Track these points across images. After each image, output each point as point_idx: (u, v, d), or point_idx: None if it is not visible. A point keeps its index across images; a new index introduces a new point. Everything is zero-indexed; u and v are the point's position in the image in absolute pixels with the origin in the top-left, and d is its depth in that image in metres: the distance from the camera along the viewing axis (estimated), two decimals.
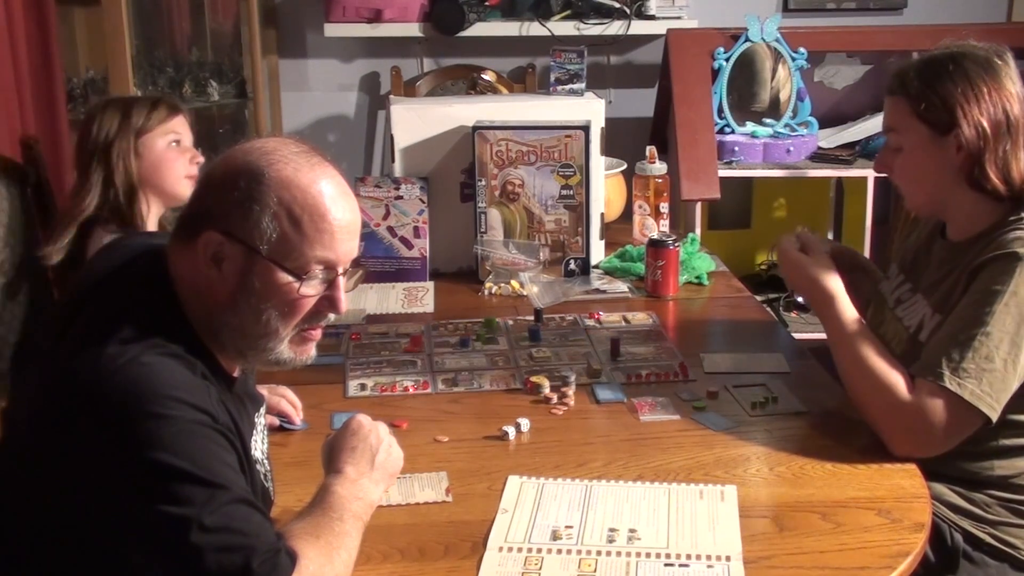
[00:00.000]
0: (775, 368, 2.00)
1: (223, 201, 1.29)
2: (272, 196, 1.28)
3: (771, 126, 3.37)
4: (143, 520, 1.22)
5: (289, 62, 3.72)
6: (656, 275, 2.41)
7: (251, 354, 1.36)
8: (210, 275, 1.31)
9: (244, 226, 1.29)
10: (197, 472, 1.21)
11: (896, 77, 1.80)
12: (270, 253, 1.29)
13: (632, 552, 1.41)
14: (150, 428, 1.20)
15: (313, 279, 1.32)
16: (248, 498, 1.26)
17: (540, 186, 2.50)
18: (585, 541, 1.43)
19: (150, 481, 1.20)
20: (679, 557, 1.40)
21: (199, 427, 1.24)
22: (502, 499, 1.54)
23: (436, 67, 3.71)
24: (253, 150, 1.32)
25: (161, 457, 1.20)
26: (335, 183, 1.32)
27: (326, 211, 1.30)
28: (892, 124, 1.82)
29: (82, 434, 1.23)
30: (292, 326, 1.34)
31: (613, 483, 1.58)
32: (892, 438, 1.68)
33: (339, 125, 3.79)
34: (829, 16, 3.80)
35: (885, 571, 1.37)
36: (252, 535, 1.22)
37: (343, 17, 3.48)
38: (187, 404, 1.23)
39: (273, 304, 1.31)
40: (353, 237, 1.35)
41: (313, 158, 1.33)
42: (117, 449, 1.21)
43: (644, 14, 3.53)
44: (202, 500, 1.20)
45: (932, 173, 1.77)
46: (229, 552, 1.20)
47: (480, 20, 3.49)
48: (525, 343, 2.13)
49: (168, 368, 1.25)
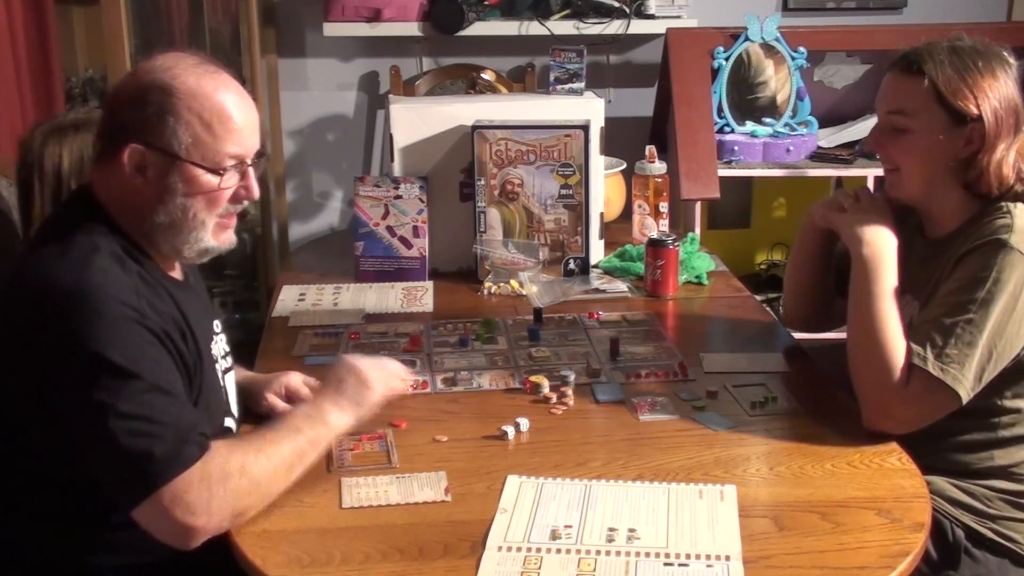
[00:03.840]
0: (775, 368, 2.00)
1: (139, 116, 1.48)
2: (183, 106, 1.48)
3: (771, 125, 3.37)
4: (67, 405, 1.40)
5: (288, 61, 3.71)
6: (656, 275, 2.40)
7: (183, 247, 1.55)
8: (135, 183, 1.50)
9: (162, 136, 1.48)
10: (119, 362, 1.38)
11: (916, 57, 1.75)
12: (188, 156, 1.49)
13: (632, 552, 1.41)
14: (80, 320, 1.39)
15: (228, 173, 1.53)
16: (168, 389, 1.42)
17: (539, 185, 2.50)
18: (584, 541, 1.43)
19: (76, 368, 1.38)
20: (678, 557, 1.40)
21: (126, 322, 1.41)
22: (501, 499, 1.54)
23: (435, 66, 3.70)
24: (156, 68, 1.50)
25: (87, 347, 1.38)
26: (234, 88, 1.53)
27: (231, 114, 1.51)
28: (904, 106, 1.76)
29: (23, 328, 1.43)
30: (214, 216, 1.54)
31: (612, 483, 1.58)
32: (870, 413, 1.71)
33: (338, 124, 3.78)
34: (829, 15, 3.79)
35: (885, 571, 1.37)
36: (163, 424, 1.38)
37: (342, 16, 3.47)
38: (117, 300, 1.42)
39: (196, 199, 1.52)
40: (255, 132, 1.57)
41: (210, 67, 1.53)
42: (50, 340, 1.40)
43: (643, 13, 3.52)
44: (120, 388, 1.37)
45: (938, 161, 1.76)
46: (138, 437, 1.37)
47: (479, 19, 3.48)
48: (524, 343, 2.13)
49: (101, 269, 1.44)
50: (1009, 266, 1.66)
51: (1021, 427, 1.78)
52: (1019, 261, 1.67)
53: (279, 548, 1.42)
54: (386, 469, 1.62)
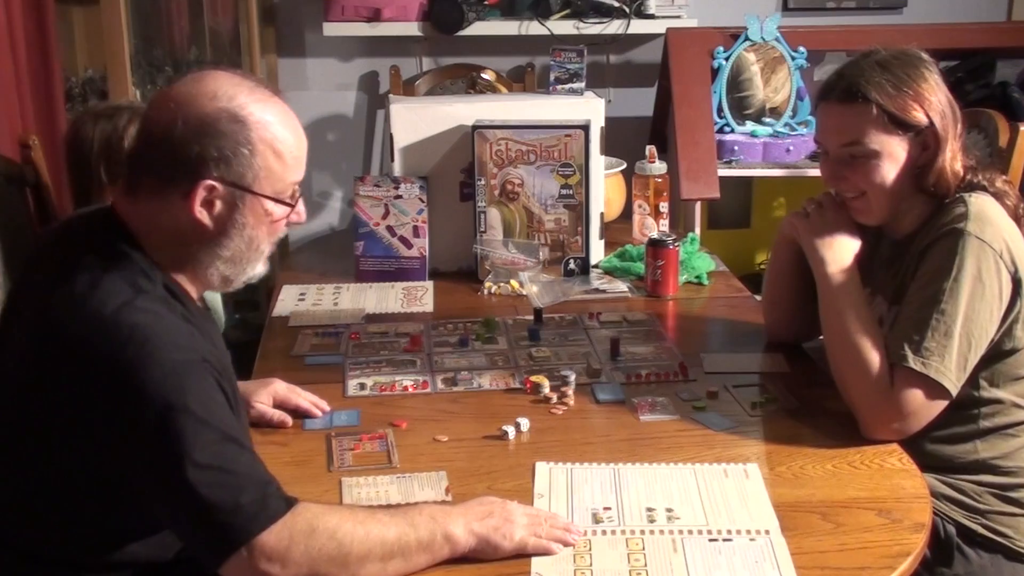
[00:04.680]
0: (775, 368, 2.00)
1: (211, 149, 1.37)
2: (256, 138, 1.39)
3: (771, 125, 3.37)
4: (138, 458, 1.29)
5: (288, 61, 3.72)
6: (656, 275, 2.40)
7: (236, 278, 1.48)
8: (198, 218, 1.39)
9: (237, 170, 1.38)
10: (189, 409, 1.27)
11: (854, 84, 1.74)
12: (261, 189, 1.41)
13: (675, 530, 1.44)
14: (142, 368, 1.27)
15: (294, 202, 1.46)
16: (237, 437, 1.33)
17: (540, 185, 2.50)
18: (626, 522, 1.47)
19: (144, 420, 1.27)
20: (720, 533, 1.44)
21: (189, 366, 1.31)
22: (535, 485, 1.56)
23: (435, 66, 3.70)
24: (218, 95, 1.38)
25: (154, 396, 1.27)
26: (291, 113, 1.45)
27: (296, 143, 1.44)
28: (857, 135, 1.75)
29: (74, 379, 1.30)
30: (271, 244, 1.49)
31: (640, 466, 1.61)
32: (868, 423, 1.71)
33: (338, 124, 3.78)
34: (829, 15, 3.79)
35: (885, 571, 1.37)
36: (241, 475, 1.29)
37: (342, 16, 3.47)
38: (176, 345, 1.31)
39: (262, 230, 1.44)
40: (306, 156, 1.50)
41: (266, 91, 1.44)
42: (110, 392, 1.28)
43: (643, 13, 3.52)
44: (193, 437, 1.27)
45: (901, 178, 1.77)
46: (220, 488, 1.27)
47: (479, 19, 3.48)
48: (525, 343, 2.13)
49: (154, 311, 1.33)
50: (971, 253, 1.69)
51: (1001, 417, 1.79)
52: (978, 247, 1.69)
53: None
54: (386, 469, 1.62)
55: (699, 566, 1.37)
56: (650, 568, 1.37)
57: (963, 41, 3.49)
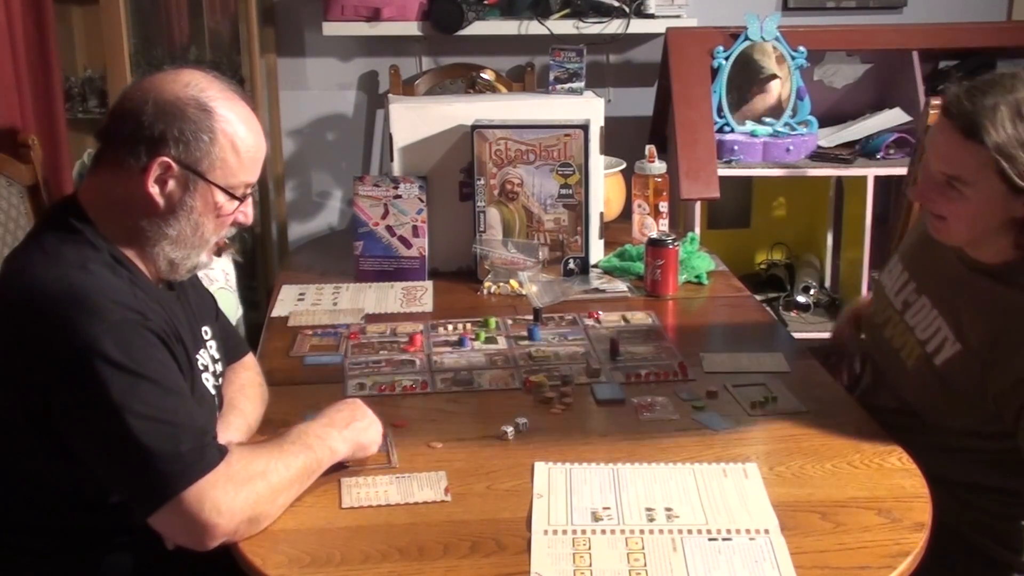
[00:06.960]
0: (775, 368, 2.00)
1: (174, 130, 1.47)
2: (219, 129, 1.49)
3: (771, 125, 3.37)
4: (79, 410, 1.38)
5: (287, 61, 3.72)
6: (655, 274, 2.40)
7: (182, 262, 1.56)
8: (150, 192, 1.48)
9: (194, 154, 1.48)
10: (128, 364, 1.36)
11: (977, 120, 1.60)
12: (213, 177, 1.50)
13: (674, 529, 1.45)
14: (81, 325, 1.36)
15: (243, 198, 1.56)
16: (178, 390, 1.41)
17: (539, 185, 2.49)
18: (626, 521, 1.47)
19: (83, 374, 1.36)
20: (720, 532, 1.44)
21: (128, 324, 1.40)
22: (534, 485, 1.56)
23: (435, 66, 3.70)
24: (191, 84, 1.51)
25: (94, 351, 1.35)
26: (257, 121, 1.56)
27: (255, 145, 1.54)
28: (960, 173, 1.64)
29: (18, 339, 1.40)
30: (216, 236, 1.57)
31: (639, 466, 1.61)
32: None
33: (338, 124, 3.78)
34: (829, 15, 3.80)
35: (885, 571, 1.37)
36: (180, 425, 1.38)
37: (341, 16, 3.47)
38: (116, 303, 1.40)
39: (209, 219, 1.53)
40: (262, 162, 1.60)
41: (236, 92, 1.55)
42: (53, 347, 1.37)
43: (643, 13, 3.52)
44: (132, 389, 1.36)
45: (990, 221, 1.67)
46: (159, 438, 1.35)
47: (479, 19, 3.48)
48: (524, 342, 2.13)
49: (97, 274, 1.43)
50: None
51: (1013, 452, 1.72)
52: None
53: (279, 548, 1.42)
54: (386, 469, 1.62)
55: (699, 566, 1.37)
56: (650, 568, 1.37)
57: (963, 41, 3.49)
